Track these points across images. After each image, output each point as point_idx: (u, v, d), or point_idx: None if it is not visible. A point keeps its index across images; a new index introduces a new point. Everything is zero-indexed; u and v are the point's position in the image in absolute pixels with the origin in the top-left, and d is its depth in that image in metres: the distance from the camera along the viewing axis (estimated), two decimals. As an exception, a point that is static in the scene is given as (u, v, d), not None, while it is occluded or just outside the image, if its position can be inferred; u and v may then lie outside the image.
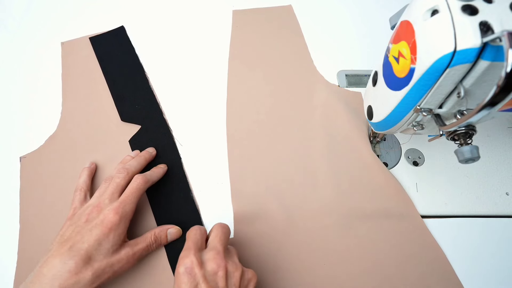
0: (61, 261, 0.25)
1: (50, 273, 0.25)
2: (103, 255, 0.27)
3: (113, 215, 0.28)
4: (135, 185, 0.31)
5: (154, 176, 0.33)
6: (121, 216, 0.28)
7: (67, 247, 0.26)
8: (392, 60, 0.24)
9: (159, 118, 0.39)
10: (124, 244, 0.29)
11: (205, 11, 0.49)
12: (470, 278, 0.31)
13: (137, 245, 0.29)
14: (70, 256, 0.26)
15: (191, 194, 0.35)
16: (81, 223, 0.28)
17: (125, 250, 0.28)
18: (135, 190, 0.30)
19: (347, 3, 0.49)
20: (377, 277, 0.31)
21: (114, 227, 0.27)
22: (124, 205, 0.29)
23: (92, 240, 0.26)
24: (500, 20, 0.18)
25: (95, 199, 0.30)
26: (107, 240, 0.27)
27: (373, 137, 0.37)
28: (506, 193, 0.35)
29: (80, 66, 0.43)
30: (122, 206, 0.29)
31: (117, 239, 0.28)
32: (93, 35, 0.46)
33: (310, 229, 0.33)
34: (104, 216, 0.28)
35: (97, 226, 0.27)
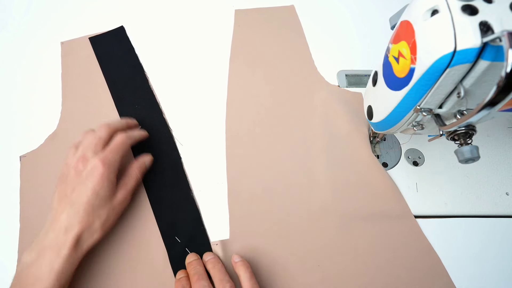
0: (68, 216, 0.28)
1: (62, 227, 0.27)
2: (104, 202, 0.29)
3: (101, 165, 0.29)
4: (118, 139, 0.31)
5: (136, 134, 0.34)
6: (109, 165, 0.29)
7: (69, 204, 0.28)
8: (392, 60, 0.24)
9: (159, 118, 0.39)
10: (117, 187, 0.31)
11: (206, 11, 0.49)
12: (471, 278, 0.31)
13: (127, 184, 0.32)
14: (74, 211, 0.28)
15: (191, 194, 0.35)
16: (72, 178, 0.29)
17: (120, 192, 0.31)
18: (118, 144, 0.31)
19: (347, 3, 0.49)
20: (372, 279, 0.31)
21: (105, 176, 0.29)
22: (109, 155, 0.30)
23: (89, 192, 0.28)
24: (500, 20, 0.18)
25: (80, 151, 0.31)
26: (103, 188, 0.29)
27: (373, 137, 0.37)
28: (506, 193, 0.35)
29: (80, 66, 0.43)
30: (107, 157, 0.30)
31: (111, 186, 0.30)
32: (93, 35, 0.46)
33: (306, 230, 0.33)
34: (92, 167, 0.29)
35: (89, 178, 0.29)
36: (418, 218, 0.34)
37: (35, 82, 0.43)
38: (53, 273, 0.26)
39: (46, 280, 0.26)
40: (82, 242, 0.28)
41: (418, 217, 0.34)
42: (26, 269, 0.27)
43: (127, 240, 0.33)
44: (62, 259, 0.26)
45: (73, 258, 0.27)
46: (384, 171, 0.36)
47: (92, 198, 0.28)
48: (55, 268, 0.26)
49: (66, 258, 0.27)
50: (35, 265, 0.26)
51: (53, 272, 0.26)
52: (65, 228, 0.27)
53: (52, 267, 0.26)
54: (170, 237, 0.33)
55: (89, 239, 0.28)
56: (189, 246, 0.32)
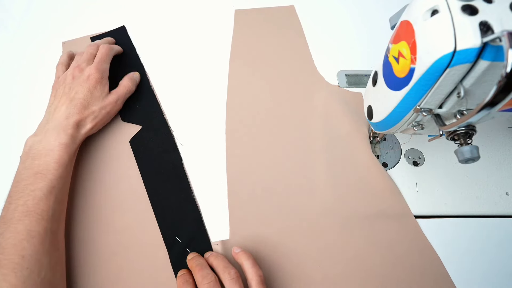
0: (68, 107, 0.33)
1: (62, 115, 0.33)
2: (96, 100, 0.35)
3: (95, 71, 0.36)
4: (103, 50, 0.39)
5: (114, 47, 0.41)
6: (102, 72, 0.36)
7: (68, 99, 0.34)
8: (392, 60, 0.24)
9: (160, 118, 0.39)
10: (110, 92, 0.37)
11: (207, 11, 0.49)
12: (471, 278, 0.31)
13: (118, 91, 0.37)
14: (73, 104, 0.33)
15: (192, 194, 0.35)
16: (69, 81, 0.36)
17: (111, 96, 0.37)
18: (105, 54, 0.38)
19: (347, 3, 0.49)
20: (373, 278, 0.31)
21: (99, 80, 0.35)
22: (101, 64, 0.37)
23: (85, 91, 0.34)
24: (500, 20, 0.18)
25: (74, 64, 0.37)
26: (96, 90, 0.35)
27: (373, 137, 0.37)
28: (506, 193, 0.35)
29: None
30: (99, 65, 0.37)
31: (103, 88, 0.36)
32: (94, 34, 0.46)
33: (306, 230, 0.33)
34: (88, 73, 0.35)
35: (85, 81, 0.35)
36: (418, 218, 0.34)
37: (35, 82, 0.43)
38: (61, 146, 0.31)
39: (57, 151, 0.31)
40: (80, 128, 0.33)
41: (418, 217, 0.34)
42: (35, 145, 0.31)
43: (127, 239, 0.33)
44: (66, 135, 0.32)
45: (75, 136, 0.33)
46: (383, 171, 0.36)
47: (87, 95, 0.34)
48: (62, 141, 0.31)
49: (70, 135, 0.32)
50: (43, 141, 0.31)
51: (61, 145, 0.31)
52: (66, 116, 0.33)
53: (59, 141, 0.31)
54: (171, 237, 0.33)
55: (84, 128, 0.34)
56: (189, 246, 0.32)
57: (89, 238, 0.32)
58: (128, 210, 0.34)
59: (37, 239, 0.27)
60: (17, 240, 0.26)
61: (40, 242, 0.27)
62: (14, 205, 0.28)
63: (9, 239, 0.26)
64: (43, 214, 0.28)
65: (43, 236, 0.27)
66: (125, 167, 0.36)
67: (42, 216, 0.28)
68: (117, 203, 0.34)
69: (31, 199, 0.28)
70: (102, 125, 0.36)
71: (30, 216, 0.27)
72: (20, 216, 0.27)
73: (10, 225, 0.27)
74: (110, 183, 0.35)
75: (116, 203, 0.34)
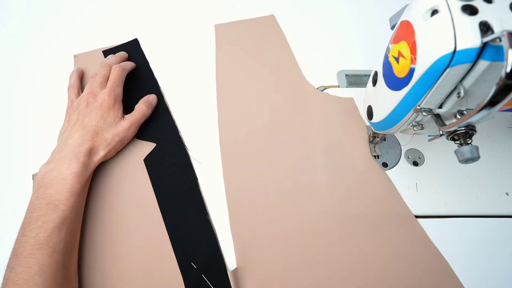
0: (80, 135, 0.33)
1: (75, 143, 0.32)
2: (109, 127, 0.34)
3: (108, 97, 0.35)
4: (116, 72, 0.38)
5: (127, 65, 0.40)
6: (115, 98, 0.36)
7: (81, 126, 0.34)
8: (392, 60, 0.24)
9: (175, 136, 0.38)
10: (124, 118, 0.36)
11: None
12: (470, 278, 0.31)
13: (133, 116, 0.37)
14: (86, 131, 0.33)
15: (207, 217, 0.34)
16: (83, 108, 0.35)
17: (125, 121, 0.36)
18: (118, 76, 0.38)
19: (347, 3, 0.49)
20: (375, 279, 0.31)
21: (112, 106, 0.35)
22: (114, 88, 0.36)
23: (98, 118, 0.34)
24: (500, 20, 0.18)
25: (88, 89, 0.37)
26: (109, 116, 0.35)
27: (373, 137, 0.37)
28: (506, 193, 0.35)
29: None
30: (113, 90, 0.36)
31: (116, 114, 0.35)
32: (106, 48, 0.45)
33: (307, 234, 0.33)
34: (101, 99, 0.35)
35: (98, 107, 0.35)
36: (418, 218, 0.34)
37: (35, 83, 0.43)
38: (74, 174, 0.31)
39: (69, 180, 0.30)
40: (92, 156, 0.33)
41: (418, 217, 0.34)
42: (48, 174, 0.30)
43: (141, 263, 0.32)
44: (78, 164, 0.31)
45: (87, 164, 0.32)
46: (382, 172, 0.36)
47: (100, 122, 0.34)
48: (74, 170, 0.31)
49: (82, 163, 0.31)
50: (56, 170, 0.31)
51: (73, 173, 0.31)
52: (78, 143, 0.32)
53: (72, 170, 0.31)
54: (186, 262, 0.31)
55: (96, 155, 0.33)
56: (204, 272, 0.31)
57: (101, 261, 0.32)
58: (142, 233, 0.33)
59: (49, 273, 0.26)
60: (29, 275, 0.25)
61: (52, 276, 0.26)
62: (26, 238, 0.27)
63: (21, 274, 0.26)
64: (55, 247, 0.27)
65: (55, 270, 0.27)
66: (139, 187, 0.35)
67: (54, 249, 0.27)
68: (131, 225, 0.33)
69: (43, 231, 0.27)
70: (115, 152, 0.36)
71: (42, 249, 0.27)
72: (31, 250, 0.26)
73: (22, 259, 0.26)
74: (123, 204, 0.34)
75: (129, 225, 0.33)
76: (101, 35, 0.47)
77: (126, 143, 0.37)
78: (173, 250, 0.32)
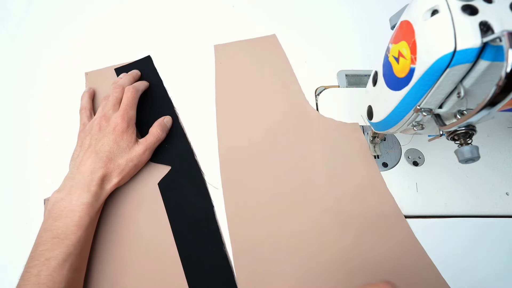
0: (93, 161, 0.32)
1: (88, 170, 0.31)
2: (122, 152, 0.33)
3: (121, 121, 0.34)
4: (129, 94, 0.36)
5: (140, 85, 0.39)
6: (128, 121, 0.34)
7: (94, 152, 0.32)
8: (392, 60, 0.24)
9: (191, 159, 0.36)
10: (137, 142, 0.35)
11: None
12: (470, 278, 0.31)
13: (147, 140, 0.35)
14: (98, 157, 0.32)
15: (223, 248, 0.32)
16: (95, 132, 0.34)
17: (139, 146, 0.34)
18: (131, 98, 0.36)
19: (347, 3, 0.49)
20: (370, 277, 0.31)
21: (125, 130, 0.34)
22: (127, 111, 0.35)
23: (111, 143, 0.33)
24: (500, 20, 0.18)
25: (101, 112, 0.35)
26: (123, 140, 0.33)
27: (373, 137, 0.37)
28: (506, 193, 0.35)
29: None
30: (126, 113, 0.35)
31: (130, 139, 0.34)
32: (119, 65, 0.43)
33: (303, 234, 0.33)
34: (114, 123, 0.34)
35: (111, 132, 0.33)
36: (418, 218, 0.34)
37: (35, 83, 0.43)
38: (83, 206, 0.29)
39: (78, 212, 0.29)
40: (104, 184, 0.32)
41: (418, 217, 0.34)
42: (57, 204, 0.30)
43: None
44: (89, 194, 0.30)
45: (99, 194, 0.31)
46: (378, 173, 0.36)
47: (113, 147, 0.33)
48: (84, 201, 0.30)
49: (93, 193, 0.30)
50: (66, 200, 0.30)
51: (83, 204, 0.29)
52: (91, 171, 0.31)
53: (82, 200, 0.30)
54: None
55: (109, 183, 0.32)
56: None
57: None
58: (155, 261, 0.32)
59: None
60: None
61: None
62: (28, 275, 0.26)
63: None
64: (55, 287, 0.26)
65: None
66: (153, 212, 0.34)
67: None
68: (143, 253, 0.32)
69: (45, 269, 0.26)
70: (128, 177, 0.34)
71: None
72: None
73: None
74: (136, 230, 0.33)
75: (141, 253, 0.32)
76: (101, 35, 0.47)
77: (140, 168, 0.35)
78: (187, 283, 0.30)
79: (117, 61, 0.44)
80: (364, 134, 0.38)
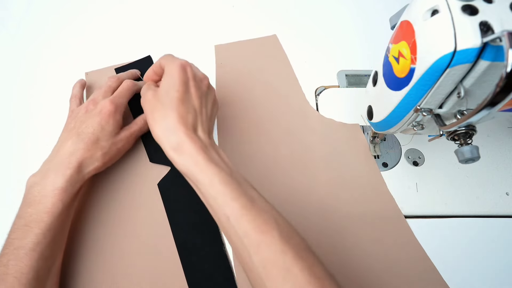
0: (73, 143, 0.30)
1: (66, 152, 0.30)
2: (107, 136, 0.32)
3: (109, 104, 0.32)
4: (125, 85, 0.35)
5: (141, 83, 0.37)
6: (116, 106, 0.33)
7: (76, 134, 0.31)
8: (392, 60, 0.24)
9: None
10: (122, 129, 0.34)
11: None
12: (471, 278, 0.31)
13: (132, 128, 0.34)
14: (80, 139, 0.30)
15: (223, 249, 0.32)
16: (81, 114, 0.32)
17: (124, 132, 0.34)
18: (125, 89, 0.35)
19: (347, 3, 0.49)
20: (367, 277, 0.31)
21: (112, 114, 0.32)
22: (117, 98, 0.34)
23: (96, 124, 0.31)
24: (500, 20, 0.18)
25: (91, 97, 0.34)
26: (108, 124, 0.32)
27: (373, 137, 0.37)
28: (506, 193, 0.35)
29: None
30: (116, 99, 0.33)
31: (116, 124, 0.33)
32: (119, 65, 0.43)
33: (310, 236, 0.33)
34: (101, 106, 0.32)
35: (97, 114, 0.32)
36: (418, 218, 0.34)
37: (35, 84, 0.43)
38: (56, 191, 0.28)
39: (50, 197, 0.28)
40: (84, 167, 0.30)
41: (418, 217, 0.34)
42: (32, 189, 0.28)
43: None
44: (64, 178, 0.28)
45: (75, 179, 0.29)
46: (378, 173, 0.36)
47: (97, 130, 0.31)
48: (57, 186, 0.28)
49: (68, 178, 0.29)
50: (40, 185, 0.28)
51: (56, 190, 0.28)
52: (69, 152, 0.30)
53: (55, 186, 0.28)
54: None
55: (90, 166, 0.30)
56: None
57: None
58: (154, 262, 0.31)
59: None
60: None
61: None
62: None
63: None
64: (21, 278, 0.25)
65: None
66: (153, 213, 0.33)
67: (19, 280, 0.25)
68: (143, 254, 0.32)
69: (13, 258, 0.25)
70: (111, 163, 0.33)
71: (5, 280, 0.25)
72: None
73: None
74: (135, 231, 0.33)
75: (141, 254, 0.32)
76: (101, 35, 0.47)
77: (122, 155, 0.34)
78: (187, 283, 0.30)
79: (117, 61, 0.44)
80: (364, 134, 0.38)
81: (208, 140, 0.29)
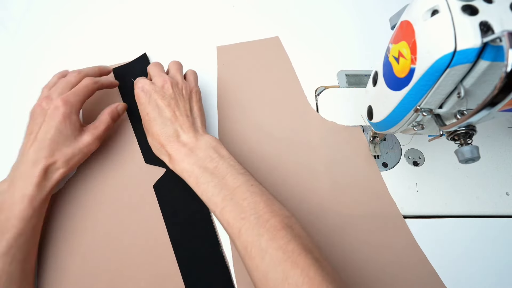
0: (35, 151, 0.30)
1: (30, 160, 0.29)
2: (68, 141, 0.31)
3: (62, 104, 0.31)
4: (84, 82, 0.34)
5: (103, 80, 0.36)
6: (70, 106, 0.31)
7: (36, 140, 0.30)
8: (392, 60, 0.24)
9: None
10: (84, 129, 0.33)
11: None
12: (470, 278, 0.31)
13: (97, 128, 0.33)
14: (41, 146, 0.30)
15: (220, 249, 0.32)
16: (37, 115, 0.31)
17: (87, 134, 0.32)
18: (83, 87, 0.33)
19: (347, 3, 0.49)
20: (366, 277, 0.31)
21: (67, 116, 0.31)
22: (72, 96, 0.32)
23: (52, 130, 0.30)
24: (500, 20, 0.18)
25: (46, 91, 0.34)
26: (66, 128, 0.31)
27: (373, 137, 0.37)
28: (506, 193, 0.35)
29: None
30: (69, 97, 0.32)
31: (73, 126, 0.31)
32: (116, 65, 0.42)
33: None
34: (54, 107, 0.31)
35: (51, 117, 0.31)
36: (418, 218, 0.34)
37: (35, 84, 0.43)
38: (25, 198, 0.28)
39: (20, 204, 0.28)
40: (50, 174, 0.30)
41: (418, 217, 0.34)
42: (2, 195, 0.28)
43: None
44: (31, 186, 0.28)
45: (43, 185, 0.29)
46: (378, 173, 0.36)
47: (55, 135, 0.30)
48: (26, 193, 0.28)
49: (36, 185, 0.29)
50: (9, 192, 0.28)
51: (25, 197, 0.28)
52: (33, 161, 0.29)
53: (24, 192, 0.28)
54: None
55: (55, 172, 0.30)
56: None
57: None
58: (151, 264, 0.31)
59: None
60: None
61: None
62: None
63: None
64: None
65: None
66: (149, 215, 0.33)
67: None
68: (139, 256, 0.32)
69: None
70: (76, 167, 0.33)
71: None
72: None
73: None
74: (131, 233, 0.33)
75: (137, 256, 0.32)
76: (102, 35, 0.47)
77: (88, 156, 0.33)
78: (184, 284, 0.30)
79: (117, 61, 0.44)
80: (364, 134, 0.39)
81: (194, 139, 0.30)
